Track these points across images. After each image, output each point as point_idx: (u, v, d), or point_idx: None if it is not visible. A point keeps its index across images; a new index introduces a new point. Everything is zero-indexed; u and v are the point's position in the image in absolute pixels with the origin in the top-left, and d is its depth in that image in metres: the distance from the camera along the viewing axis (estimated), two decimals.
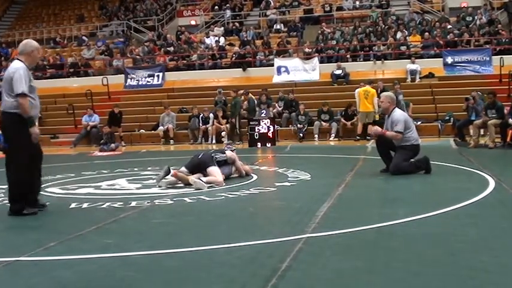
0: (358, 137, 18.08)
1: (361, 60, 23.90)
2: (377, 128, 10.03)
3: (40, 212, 6.79)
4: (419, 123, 18.99)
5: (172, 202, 7.33)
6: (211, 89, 22.76)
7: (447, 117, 18.97)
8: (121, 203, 7.26)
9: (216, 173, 8.79)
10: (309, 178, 9.31)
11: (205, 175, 8.77)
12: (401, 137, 9.49)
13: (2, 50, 30.86)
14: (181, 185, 8.69)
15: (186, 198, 7.55)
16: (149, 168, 11.35)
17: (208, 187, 8.39)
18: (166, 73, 25.19)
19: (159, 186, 8.65)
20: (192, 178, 8.51)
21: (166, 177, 8.72)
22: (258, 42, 26.52)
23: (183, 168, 9.08)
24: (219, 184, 8.64)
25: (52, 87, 25.59)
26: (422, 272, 3.96)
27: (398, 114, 9.67)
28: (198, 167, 8.97)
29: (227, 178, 9.24)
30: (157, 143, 20.41)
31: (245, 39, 26.36)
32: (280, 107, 20.59)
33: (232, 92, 19.79)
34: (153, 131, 21.13)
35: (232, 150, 9.69)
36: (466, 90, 19.11)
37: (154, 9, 32.83)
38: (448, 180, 8.74)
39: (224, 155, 9.36)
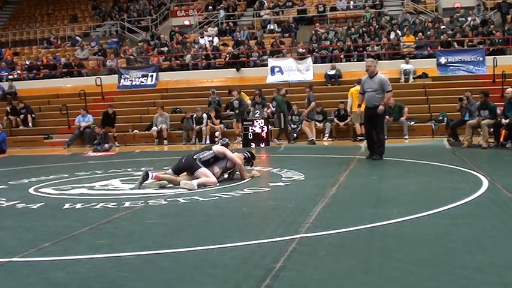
0: (359, 138, 17.82)
1: (355, 60, 23.91)
2: (381, 108, 11.42)
3: (34, 212, 6.76)
4: (412, 123, 19.10)
5: (165, 203, 7.33)
6: (205, 89, 22.76)
7: (441, 117, 19.01)
8: (114, 204, 7.25)
9: (206, 174, 8.73)
10: (303, 178, 9.31)
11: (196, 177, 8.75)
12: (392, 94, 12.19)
13: None
14: (173, 185, 8.69)
15: (179, 199, 7.54)
16: (143, 169, 11.30)
17: (201, 187, 8.40)
18: (160, 73, 25.18)
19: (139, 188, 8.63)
20: (183, 181, 8.51)
21: (146, 182, 8.67)
22: (252, 42, 26.52)
23: (170, 171, 9.08)
24: (211, 184, 8.63)
25: (45, 88, 25.61)
26: (416, 271, 3.97)
27: (383, 76, 11.83)
28: (183, 170, 8.95)
29: (224, 172, 9.22)
30: (151, 143, 20.38)
31: (239, 39, 26.36)
32: (273, 107, 20.55)
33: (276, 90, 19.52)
34: (146, 132, 21.10)
35: (226, 146, 9.61)
36: (459, 90, 19.18)
37: (148, 10, 32.79)
38: (441, 180, 8.76)
39: (211, 151, 9.18)
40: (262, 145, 17.18)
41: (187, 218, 6.36)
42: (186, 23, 31.30)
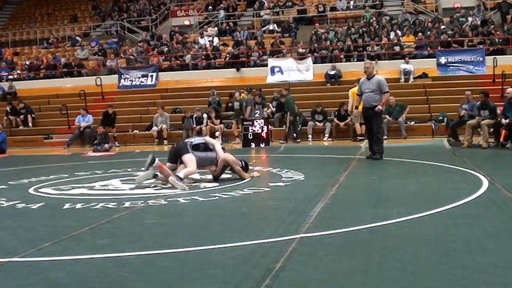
0: (359, 138, 17.88)
1: (355, 60, 23.90)
2: (379, 108, 11.66)
3: (34, 212, 6.77)
4: (412, 123, 19.10)
5: (165, 203, 7.33)
6: (205, 89, 22.79)
7: (441, 117, 19.01)
8: (114, 204, 7.25)
9: (189, 161, 8.80)
10: (303, 178, 9.31)
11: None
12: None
13: None
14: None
15: (179, 199, 7.54)
16: (142, 169, 11.30)
17: (192, 185, 8.48)
18: (160, 73, 25.18)
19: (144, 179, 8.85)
20: (171, 178, 8.55)
21: (151, 167, 8.80)
22: (252, 42, 26.52)
23: (168, 164, 9.13)
24: (191, 172, 8.73)
25: (46, 88, 25.60)
26: (416, 271, 3.97)
27: (380, 77, 12.24)
28: (176, 156, 9.04)
29: (214, 164, 9.26)
30: (151, 143, 20.38)
31: (239, 39, 26.36)
32: (273, 107, 20.56)
33: (284, 90, 19.53)
34: (146, 132, 21.11)
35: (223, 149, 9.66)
36: (459, 90, 19.17)
37: (148, 10, 32.78)
38: (441, 180, 8.76)
39: (201, 138, 9.47)
40: (262, 145, 17.18)
41: (187, 218, 6.36)
42: (186, 23, 31.30)
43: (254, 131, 17.43)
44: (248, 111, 18.49)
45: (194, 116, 19.85)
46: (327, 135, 19.04)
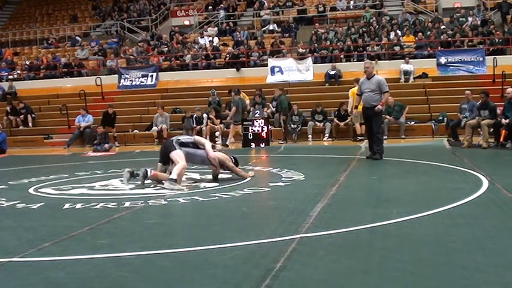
0: (359, 138, 17.87)
1: (355, 60, 23.88)
2: (379, 107, 11.66)
3: (34, 212, 6.76)
4: (412, 123, 19.10)
5: (165, 203, 7.33)
6: (205, 89, 22.78)
7: (441, 118, 19.01)
8: (114, 204, 7.25)
9: (177, 157, 8.77)
10: (303, 178, 9.31)
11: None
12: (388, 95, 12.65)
13: None
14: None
15: (179, 199, 7.54)
16: (141, 169, 11.30)
17: (192, 185, 8.45)
18: (160, 73, 25.16)
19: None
20: (166, 184, 8.53)
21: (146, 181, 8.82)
22: (252, 42, 26.51)
23: (159, 164, 9.13)
24: (181, 168, 8.67)
25: (46, 88, 25.58)
26: (416, 271, 3.97)
27: (380, 77, 12.35)
28: (165, 155, 9.03)
29: (203, 162, 9.29)
30: (151, 143, 20.37)
31: (239, 39, 26.36)
32: (273, 107, 20.55)
33: (278, 90, 19.55)
34: (146, 132, 21.10)
35: (212, 147, 9.68)
36: (459, 90, 19.16)
37: (148, 10, 32.77)
38: (441, 180, 8.76)
39: (191, 137, 9.52)
40: (262, 145, 17.18)
41: (187, 218, 6.37)
42: (186, 23, 31.29)
43: (254, 131, 17.43)
44: (232, 112, 18.42)
45: (194, 116, 19.85)
46: (327, 135, 19.03)
